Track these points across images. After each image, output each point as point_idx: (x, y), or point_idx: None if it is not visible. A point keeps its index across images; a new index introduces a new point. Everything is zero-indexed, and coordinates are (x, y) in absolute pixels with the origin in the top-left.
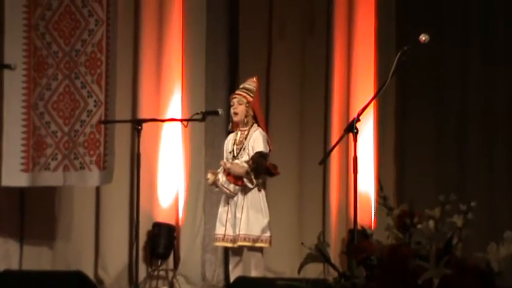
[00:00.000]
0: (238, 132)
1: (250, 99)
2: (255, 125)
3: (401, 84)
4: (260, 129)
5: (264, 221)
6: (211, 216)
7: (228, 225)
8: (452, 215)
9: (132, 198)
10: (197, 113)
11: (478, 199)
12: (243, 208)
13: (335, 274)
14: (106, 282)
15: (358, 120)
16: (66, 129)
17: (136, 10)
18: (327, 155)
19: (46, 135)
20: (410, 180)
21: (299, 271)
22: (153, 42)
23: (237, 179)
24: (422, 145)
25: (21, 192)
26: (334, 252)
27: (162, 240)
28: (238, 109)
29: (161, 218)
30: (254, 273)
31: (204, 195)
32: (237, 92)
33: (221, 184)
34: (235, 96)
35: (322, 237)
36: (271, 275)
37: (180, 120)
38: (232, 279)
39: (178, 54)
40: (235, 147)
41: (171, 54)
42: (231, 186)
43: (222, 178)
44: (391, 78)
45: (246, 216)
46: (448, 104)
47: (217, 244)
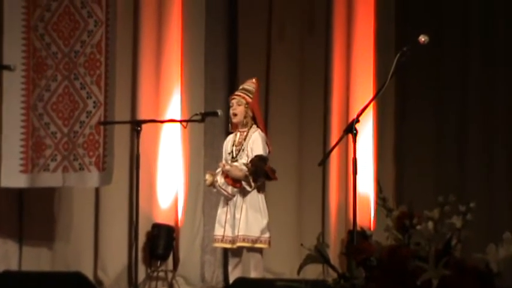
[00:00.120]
0: (238, 133)
1: (249, 100)
2: (254, 126)
3: (400, 85)
4: (259, 130)
5: (263, 221)
6: (211, 217)
7: (227, 226)
8: (452, 216)
9: (131, 199)
10: (196, 114)
11: (477, 200)
12: (242, 209)
13: (334, 275)
14: (105, 283)
15: (357, 121)
16: (65, 130)
17: (135, 11)
18: (326, 156)
19: (45, 136)
20: (409, 181)
21: (298, 272)
22: (152, 43)
23: (235, 181)
24: (422, 146)
25: (20, 193)
26: (333, 253)
27: (162, 241)
28: (237, 110)
29: (160, 219)
30: (253, 274)
31: (203, 196)
32: (236, 93)
33: (219, 186)
34: (235, 97)
35: (321, 238)
36: (270, 276)
37: (180, 121)
38: (231, 280)
39: (178, 55)
40: (234, 148)
41: (171, 55)
42: (229, 188)
43: (220, 180)
44: (391, 79)
45: (245, 217)
46: (447, 104)
47: (216, 245)
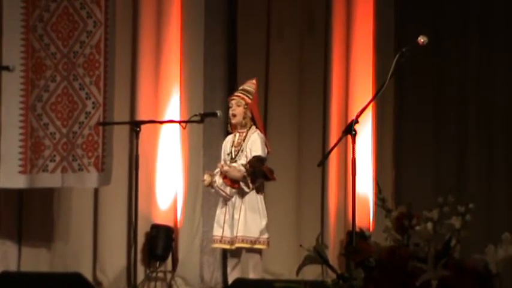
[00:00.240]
0: (237, 134)
1: (248, 101)
2: (253, 127)
3: (400, 85)
4: (258, 131)
5: (262, 222)
6: (210, 217)
7: (226, 227)
8: (451, 217)
9: (130, 200)
10: (195, 115)
11: (476, 201)
12: (240, 210)
13: (333, 276)
14: (104, 284)
15: (356, 122)
16: (64, 131)
17: (134, 12)
18: (325, 156)
19: (44, 136)
20: (408, 182)
21: (297, 273)
22: (151, 43)
23: (233, 182)
24: (421, 147)
25: (19, 193)
26: (332, 254)
27: (161, 242)
28: (237, 111)
29: (159, 219)
30: (252, 275)
31: (202, 196)
32: (236, 93)
33: (217, 186)
34: (234, 98)
35: (320, 238)
36: (269, 277)
37: (179, 122)
38: (230, 281)
39: (177, 55)
40: (233, 149)
41: (170, 56)
42: (228, 189)
43: (218, 180)
44: (390, 79)
45: (244, 217)
46: (446, 105)
47: (215, 246)
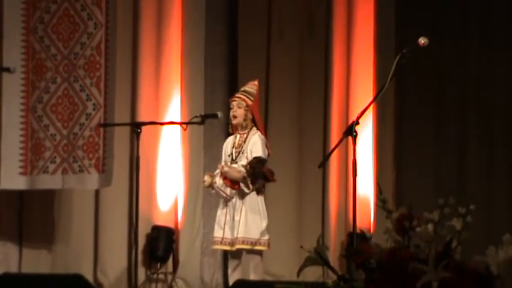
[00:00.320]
0: (237, 135)
1: (249, 103)
2: (254, 129)
3: (400, 87)
4: (259, 132)
5: (262, 224)
6: (210, 219)
7: (227, 228)
8: (451, 218)
9: (131, 202)
10: (196, 116)
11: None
12: (241, 211)
13: (334, 277)
14: (105, 285)
15: (357, 123)
16: (64, 132)
17: (135, 13)
18: (326, 158)
19: (45, 138)
20: (409, 183)
21: (298, 274)
22: (152, 45)
23: (233, 183)
24: (422, 148)
25: (20, 195)
26: (333, 255)
27: (161, 244)
28: (237, 112)
29: (160, 221)
30: (253, 277)
31: (202, 198)
32: (237, 95)
33: (217, 187)
34: (235, 99)
35: (321, 240)
36: (270, 278)
37: (179, 123)
38: (231, 283)
39: (177, 57)
40: (234, 150)
41: (170, 57)
42: (228, 190)
43: (218, 181)
44: (390, 81)
45: (245, 219)
46: (447, 106)
47: (216, 247)
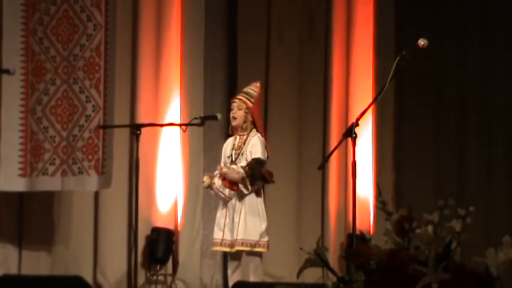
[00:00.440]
0: (237, 136)
1: (250, 105)
2: (254, 130)
3: (399, 88)
4: (259, 134)
5: (261, 226)
6: (210, 220)
7: (226, 230)
8: (451, 220)
9: (130, 203)
10: (196, 118)
11: (476, 201)
12: (240, 213)
13: (334, 279)
14: (105, 287)
15: (357, 125)
16: (64, 134)
17: (134, 15)
18: (325, 159)
19: (44, 140)
20: (409, 184)
21: (298, 276)
22: (151, 46)
23: (232, 184)
24: (421, 149)
25: (19, 197)
26: (333, 256)
27: (161, 245)
28: (237, 114)
29: (160, 222)
30: (253, 278)
31: (202, 199)
32: (238, 96)
33: (216, 188)
34: (235, 100)
35: (321, 241)
36: (269, 280)
37: (179, 125)
38: (230, 284)
39: (177, 58)
40: (234, 152)
41: (170, 59)
42: (226, 191)
43: (217, 182)
44: (390, 82)
45: (244, 221)
46: (447, 108)
47: (215, 249)
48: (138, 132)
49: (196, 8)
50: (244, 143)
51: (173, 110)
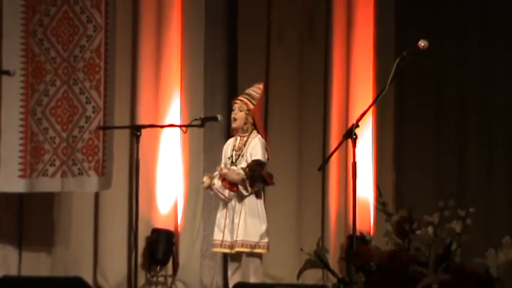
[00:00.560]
0: (238, 137)
1: (251, 107)
2: (255, 132)
3: (400, 89)
4: (259, 136)
5: (261, 227)
6: (210, 221)
7: (226, 231)
8: (451, 221)
9: (131, 204)
10: (196, 119)
11: (476, 201)
12: (240, 214)
13: (334, 280)
14: None
15: (357, 126)
16: (64, 135)
17: (134, 16)
18: (326, 160)
19: (44, 141)
20: (409, 185)
21: (298, 277)
22: (151, 48)
23: (232, 185)
24: (421, 150)
25: (19, 198)
26: (333, 258)
27: (161, 246)
28: (238, 115)
29: (160, 224)
30: (253, 279)
31: (202, 200)
32: (240, 97)
33: (216, 189)
34: (237, 101)
35: (321, 242)
36: (270, 281)
37: (179, 126)
38: (231, 285)
39: (177, 59)
40: (234, 153)
41: (170, 60)
42: (226, 192)
43: (217, 183)
44: (390, 83)
45: (244, 222)
46: (447, 107)
47: (215, 250)
48: (138, 133)
49: (197, 9)
50: (244, 145)
51: (173, 111)
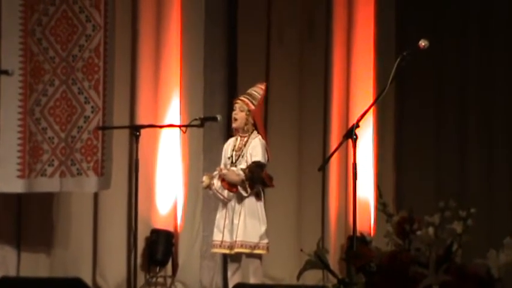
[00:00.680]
0: (238, 138)
1: (252, 108)
2: (255, 132)
3: (400, 89)
4: (260, 136)
5: (261, 228)
6: (210, 222)
7: (226, 232)
8: (452, 222)
9: (130, 205)
10: (196, 119)
11: (477, 201)
12: (240, 215)
13: (334, 281)
14: None
15: (357, 126)
16: (62, 135)
17: (134, 15)
18: (326, 161)
19: (42, 141)
20: (410, 186)
21: (298, 278)
22: (151, 47)
23: (231, 185)
24: (422, 150)
25: (18, 198)
26: (333, 258)
27: (161, 247)
28: (238, 116)
29: (159, 224)
30: (253, 280)
31: (202, 201)
32: (241, 97)
33: (215, 189)
34: (238, 101)
35: (321, 243)
36: (270, 282)
37: (179, 126)
38: (230, 286)
39: (177, 59)
40: (234, 153)
41: (169, 60)
42: (225, 192)
43: (216, 183)
44: (391, 83)
45: (243, 222)
46: (447, 107)
47: (215, 251)
48: (138, 133)
49: (196, 8)
50: (244, 145)
51: (173, 111)
